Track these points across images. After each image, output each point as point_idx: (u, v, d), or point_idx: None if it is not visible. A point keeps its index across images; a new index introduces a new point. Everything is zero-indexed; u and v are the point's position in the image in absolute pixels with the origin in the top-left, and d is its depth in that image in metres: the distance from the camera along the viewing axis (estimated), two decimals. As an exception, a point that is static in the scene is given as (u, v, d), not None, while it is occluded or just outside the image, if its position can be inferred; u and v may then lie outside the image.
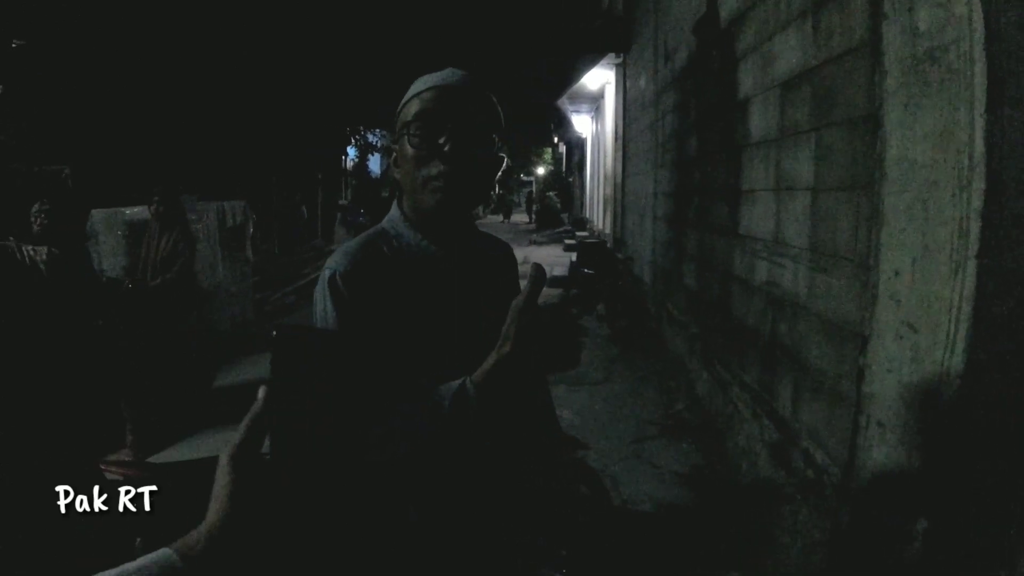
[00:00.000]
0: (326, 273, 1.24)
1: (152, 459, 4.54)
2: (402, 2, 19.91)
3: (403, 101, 1.32)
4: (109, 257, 7.14)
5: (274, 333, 0.77)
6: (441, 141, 1.22)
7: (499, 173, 1.37)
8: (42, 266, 1.45)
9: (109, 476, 3.14)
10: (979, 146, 1.93)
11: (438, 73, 1.32)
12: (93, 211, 7.30)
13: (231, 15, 13.01)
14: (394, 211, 1.38)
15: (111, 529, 1.47)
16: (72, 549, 1.32)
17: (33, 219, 4.67)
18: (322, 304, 1.24)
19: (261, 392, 0.77)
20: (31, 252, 1.47)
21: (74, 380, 1.43)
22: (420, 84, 1.30)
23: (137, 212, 7.12)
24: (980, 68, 1.94)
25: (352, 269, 1.23)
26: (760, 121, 3.92)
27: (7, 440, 1.26)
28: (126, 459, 4.45)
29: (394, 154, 1.34)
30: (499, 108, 1.33)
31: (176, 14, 11.97)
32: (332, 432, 0.79)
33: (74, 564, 1.33)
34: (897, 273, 2.34)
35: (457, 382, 1.13)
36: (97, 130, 11.20)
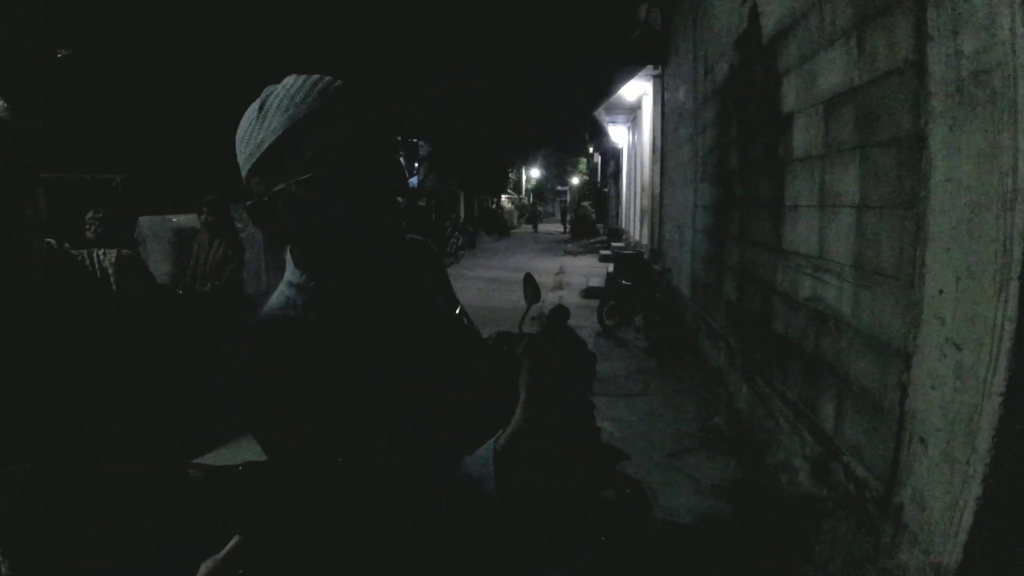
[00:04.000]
0: (240, 373, 1.03)
1: (197, 461, 4.65)
2: (440, 12, 20.08)
3: (269, 135, 1.01)
4: (156, 263, 7.35)
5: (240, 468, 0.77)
6: (355, 186, 1.01)
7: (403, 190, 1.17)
8: (111, 270, 1.46)
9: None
10: (1022, 168, 1.97)
11: (301, 89, 1.03)
12: (141, 218, 7.51)
13: (277, 30, 13.26)
14: (291, 272, 1.14)
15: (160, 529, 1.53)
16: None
17: (87, 226, 4.84)
18: (249, 410, 1.02)
19: (231, 543, 0.74)
20: (100, 256, 1.47)
21: (142, 384, 1.46)
22: (281, 116, 1.01)
23: (184, 220, 7.33)
24: (1023, 91, 1.98)
25: (274, 360, 1.00)
26: (804, 137, 3.95)
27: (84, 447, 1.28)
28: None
29: (264, 205, 1.05)
30: (379, 109, 1.07)
31: (228, 27, 12.22)
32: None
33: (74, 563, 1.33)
34: (941, 292, 2.37)
35: (482, 454, 0.94)
36: (147, 139, 11.48)
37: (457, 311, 1.33)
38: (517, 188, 63.50)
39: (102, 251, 1.50)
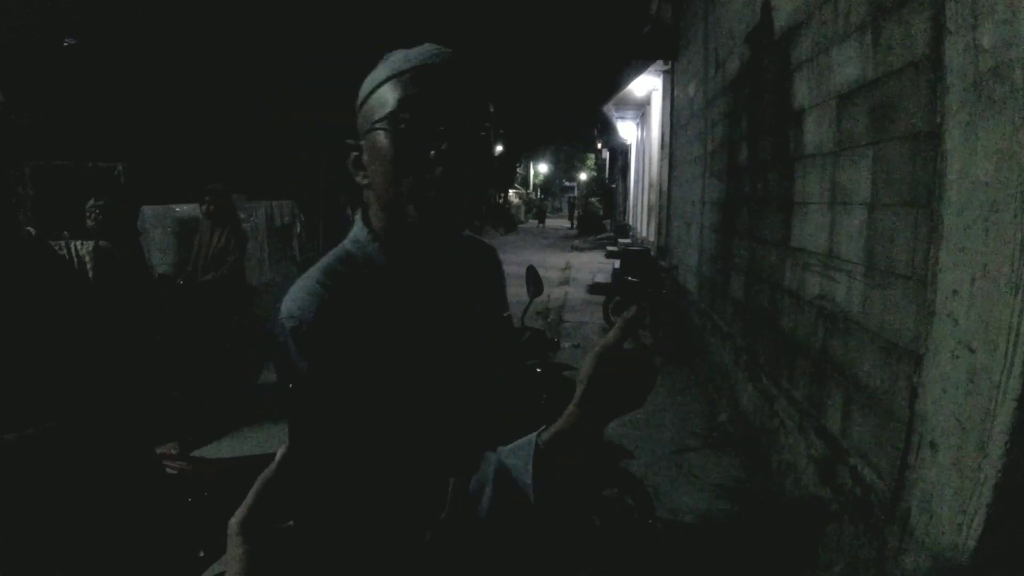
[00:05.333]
0: (287, 325, 0.98)
1: (196, 453, 4.63)
2: (449, 6, 20.00)
3: (371, 87, 1.05)
4: (158, 252, 7.34)
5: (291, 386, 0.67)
6: (435, 139, 0.98)
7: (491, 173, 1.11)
8: (87, 259, 1.45)
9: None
10: (1043, 166, 1.91)
11: (416, 50, 1.05)
12: (144, 207, 7.51)
13: (280, 23, 13.23)
14: (359, 229, 1.11)
15: (169, 528, 1.49)
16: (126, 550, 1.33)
17: (88, 214, 4.82)
18: (290, 362, 0.98)
19: (279, 453, 0.69)
20: (77, 247, 1.46)
21: (121, 374, 1.44)
22: (396, 63, 1.03)
23: (187, 209, 7.32)
24: (1046, 87, 1.92)
25: (320, 316, 0.98)
26: (815, 133, 3.89)
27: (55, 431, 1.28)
28: (173, 452, 4.54)
29: (355, 155, 1.09)
30: (490, 90, 1.07)
31: (230, 20, 12.20)
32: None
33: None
34: (955, 292, 2.31)
35: (521, 449, 0.92)
36: (150, 129, 11.48)
37: (505, 315, 1.32)
38: (525, 183, 63.51)
39: (79, 242, 1.50)
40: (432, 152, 0.97)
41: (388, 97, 1.00)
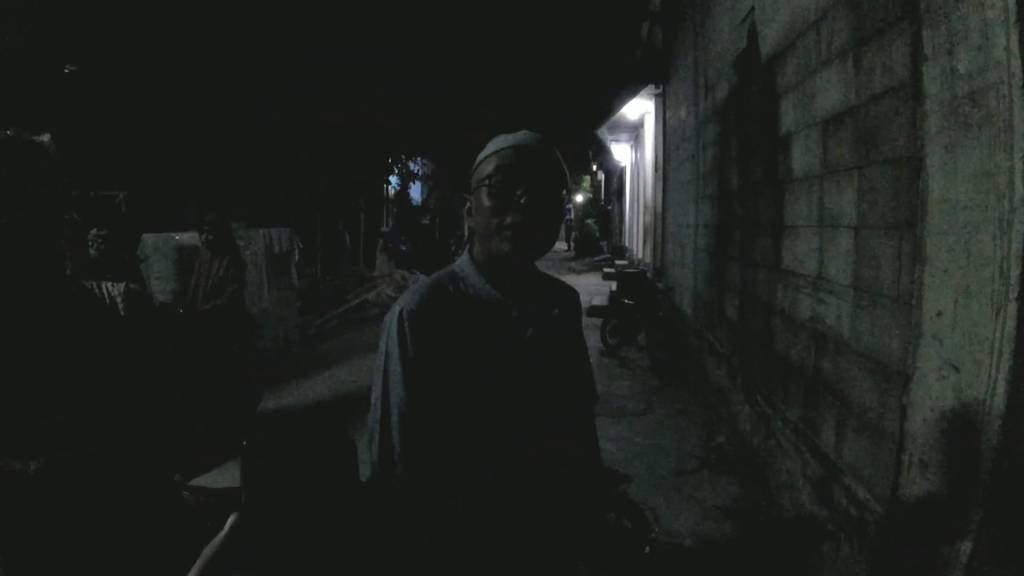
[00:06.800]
0: (396, 309, 1.39)
1: (194, 482, 4.62)
2: (443, 31, 20.07)
3: (481, 157, 1.47)
4: (159, 280, 7.37)
5: (244, 443, 0.67)
6: (518, 193, 1.37)
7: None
8: (119, 300, 1.48)
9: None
10: (1019, 189, 1.96)
11: (514, 134, 1.48)
12: (144, 235, 7.56)
13: (279, 49, 13.32)
14: (464, 257, 1.52)
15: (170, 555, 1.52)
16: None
17: (90, 244, 4.86)
18: (389, 337, 1.37)
19: (231, 520, 0.72)
20: (108, 288, 1.51)
21: (147, 410, 1.52)
22: (498, 143, 1.46)
23: (187, 237, 7.36)
24: (1019, 111, 1.97)
25: (419, 308, 1.37)
26: (802, 157, 3.95)
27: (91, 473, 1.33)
28: (175, 481, 4.53)
29: (468, 204, 1.50)
30: (565, 167, 1.47)
31: (230, 46, 12.28)
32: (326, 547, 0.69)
33: None
34: (940, 313, 2.35)
35: None
36: (151, 157, 11.52)
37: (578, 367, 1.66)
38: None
39: (111, 283, 1.59)
40: (514, 204, 1.37)
41: (490, 165, 1.41)
